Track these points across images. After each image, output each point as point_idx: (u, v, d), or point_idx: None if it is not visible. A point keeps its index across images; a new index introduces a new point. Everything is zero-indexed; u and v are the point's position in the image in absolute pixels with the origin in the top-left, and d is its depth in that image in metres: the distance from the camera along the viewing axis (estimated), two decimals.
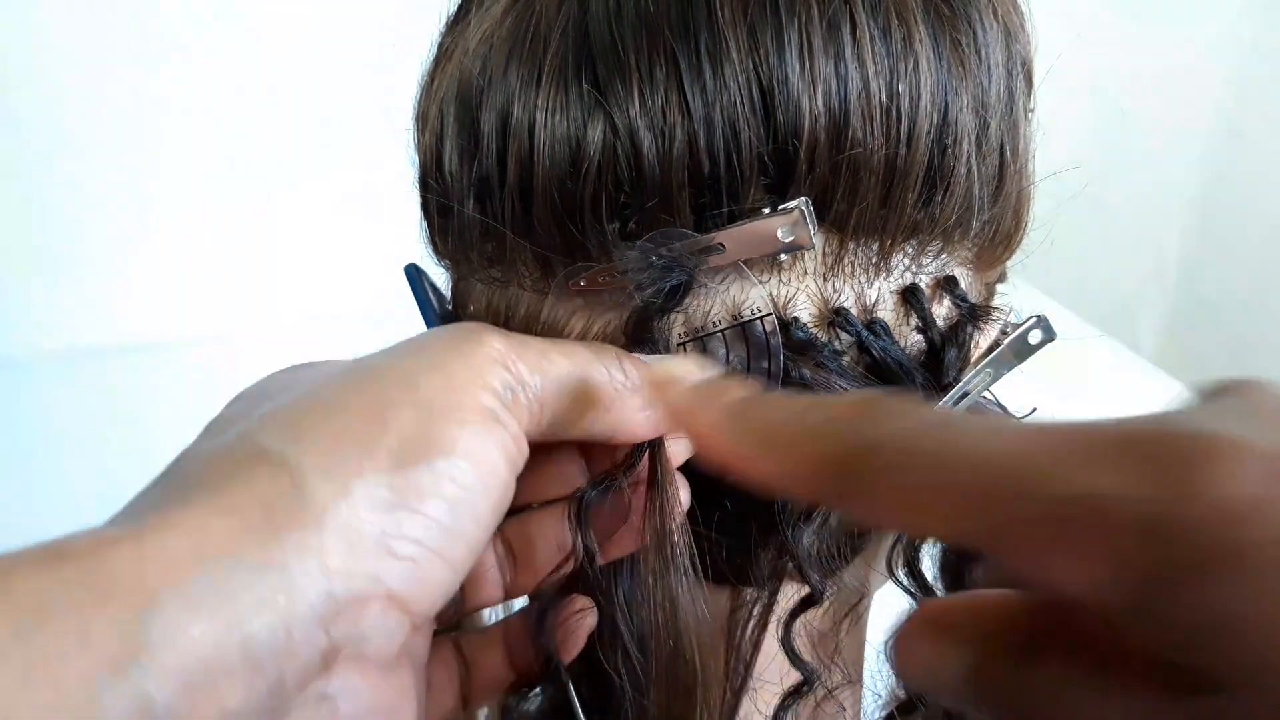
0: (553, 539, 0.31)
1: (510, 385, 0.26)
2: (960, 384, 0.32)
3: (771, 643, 0.34)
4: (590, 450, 0.31)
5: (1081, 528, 0.18)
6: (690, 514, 0.32)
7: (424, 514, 0.23)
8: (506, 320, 0.32)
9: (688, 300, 0.30)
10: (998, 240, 0.33)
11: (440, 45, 0.34)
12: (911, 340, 0.32)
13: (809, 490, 0.22)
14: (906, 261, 0.31)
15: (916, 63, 0.29)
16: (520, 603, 0.34)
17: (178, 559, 0.20)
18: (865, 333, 0.31)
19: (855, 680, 0.36)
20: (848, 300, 0.31)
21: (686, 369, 0.29)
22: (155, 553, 0.20)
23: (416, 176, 0.34)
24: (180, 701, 0.20)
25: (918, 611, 0.22)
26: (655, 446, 0.30)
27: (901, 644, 0.22)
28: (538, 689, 0.33)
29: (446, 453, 0.24)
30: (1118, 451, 0.18)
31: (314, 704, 0.23)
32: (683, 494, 0.31)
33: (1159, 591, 0.17)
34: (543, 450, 0.29)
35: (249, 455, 0.23)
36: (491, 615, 0.42)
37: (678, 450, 0.31)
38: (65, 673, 0.19)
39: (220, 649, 0.20)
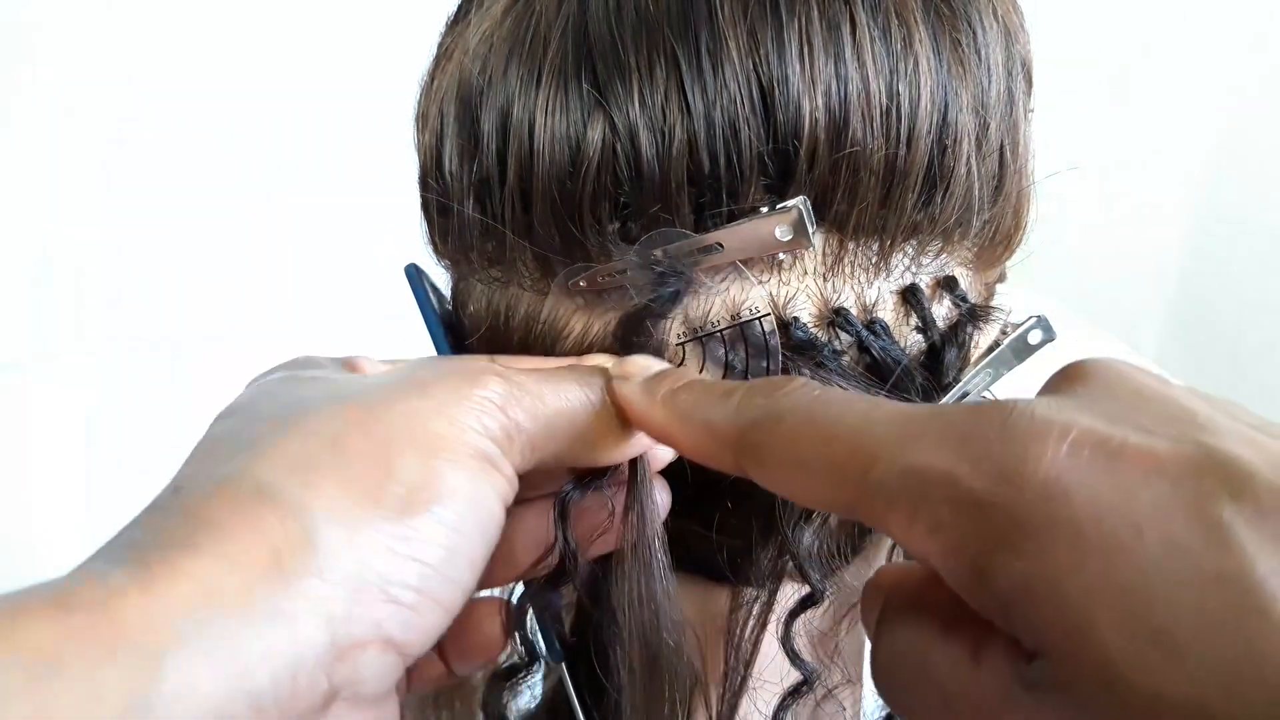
0: (533, 534, 0.32)
1: (508, 430, 0.26)
2: (960, 384, 0.32)
3: (771, 643, 0.34)
4: None
5: (916, 500, 0.20)
6: (691, 514, 0.32)
7: (424, 562, 0.24)
8: (506, 320, 0.32)
9: (686, 301, 0.30)
10: (998, 240, 0.33)
11: (440, 45, 0.34)
12: (911, 340, 0.32)
13: (720, 462, 0.26)
14: (906, 261, 0.31)
15: (916, 63, 0.29)
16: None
17: (188, 610, 0.21)
18: (865, 333, 0.31)
19: (855, 680, 0.36)
20: (847, 300, 0.31)
21: (640, 365, 0.29)
22: (165, 604, 0.20)
23: (416, 176, 0.34)
24: None
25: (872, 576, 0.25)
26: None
27: (861, 605, 0.25)
28: (536, 682, 0.33)
29: (447, 500, 0.24)
30: (955, 431, 0.20)
31: None
32: (662, 496, 0.31)
33: (981, 560, 0.19)
34: None
35: (256, 496, 0.23)
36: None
37: (660, 455, 0.31)
38: None
39: (229, 700, 0.20)
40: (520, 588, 0.33)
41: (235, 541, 0.22)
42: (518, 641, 0.32)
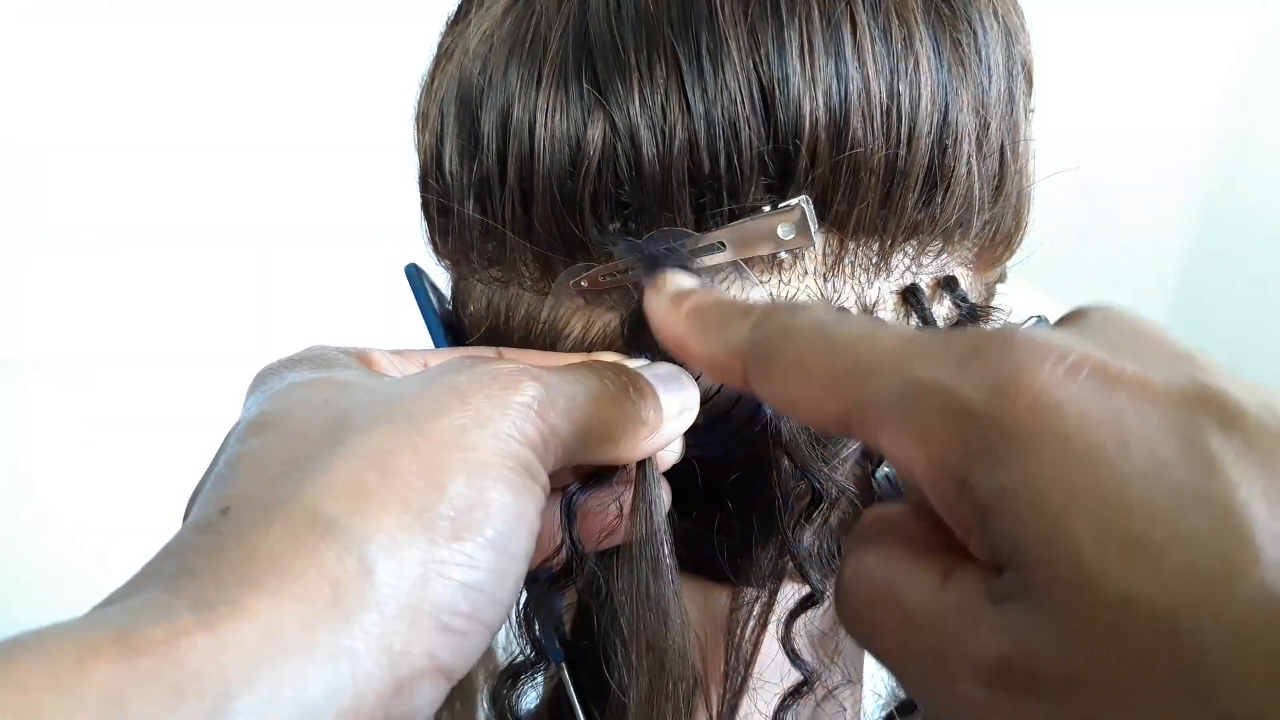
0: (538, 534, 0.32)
1: (544, 436, 0.26)
2: None
3: (771, 643, 0.34)
4: None
5: (909, 410, 0.21)
6: (692, 514, 0.32)
7: (473, 586, 0.24)
8: (506, 320, 0.32)
9: None
10: (998, 240, 0.33)
11: (440, 45, 0.34)
12: None
13: (729, 374, 0.26)
14: (907, 261, 0.31)
15: (917, 63, 0.29)
16: None
17: (253, 652, 0.20)
18: None
19: (855, 680, 0.36)
20: (848, 300, 0.31)
21: (673, 282, 0.29)
22: (231, 645, 0.20)
23: (417, 176, 0.34)
24: None
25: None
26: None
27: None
28: (539, 681, 0.33)
29: (494, 520, 0.24)
30: (956, 348, 0.21)
31: None
32: (663, 494, 0.31)
33: (965, 468, 0.20)
34: None
35: (312, 527, 0.23)
36: None
37: (665, 458, 0.31)
38: None
39: None
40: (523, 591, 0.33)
41: (295, 579, 0.22)
42: (526, 640, 0.32)
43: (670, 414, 0.29)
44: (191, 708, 0.19)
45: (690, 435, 0.31)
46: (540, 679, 0.35)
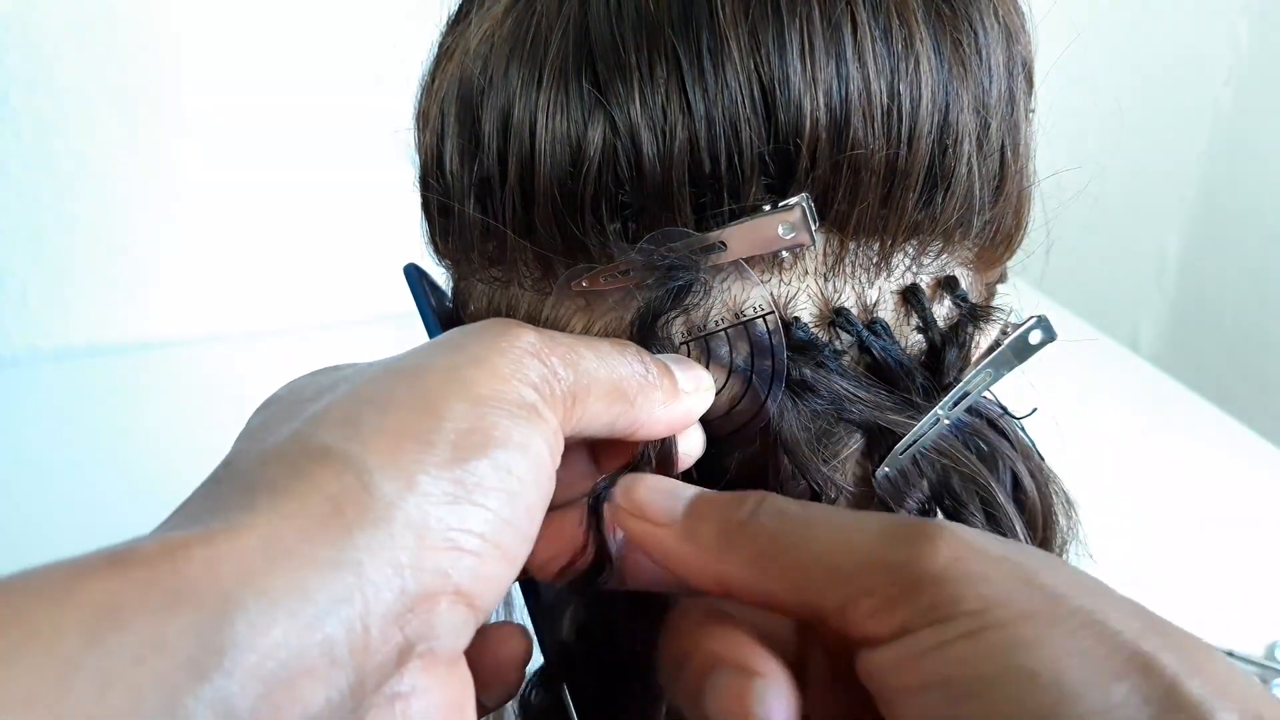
0: (559, 533, 0.32)
1: (547, 378, 0.26)
2: (960, 384, 0.32)
3: None
4: (598, 449, 0.31)
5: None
6: None
7: (485, 507, 0.23)
8: None
9: (690, 299, 0.30)
10: (998, 240, 0.33)
11: (441, 45, 0.34)
12: (912, 340, 0.32)
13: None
14: (907, 261, 0.31)
15: (917, 63, 0.29)
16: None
17: (252, 560, 0.20)
18: (866, 333, 0.31)
19: None
20: (848, 300, 0.31)
21: (659, 491, 0.29)
22: (228, 555, 0.20)
23: (417, 176, 0.34)
24: (263, 705, 0.19)
25: None
26: (666, 445, 0.30)
27: None
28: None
29: (502, 445, 0.24)
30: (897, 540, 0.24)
31: (388, 703, 0.22)
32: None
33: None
34: None
35: (309, 454, 0.23)
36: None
37: (687, 451, 0.31)
38: (143, 679, 0.18)
39: (301, 649, 0.20)
40: (521, 597, 0.33)
41: (294, 497, 0.21)
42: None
43: (686, 388, 0.29)
44: (189, 614, 0.19)
45: None
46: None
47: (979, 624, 0.22)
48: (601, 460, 0.31)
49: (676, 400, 0.29)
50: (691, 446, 0.31)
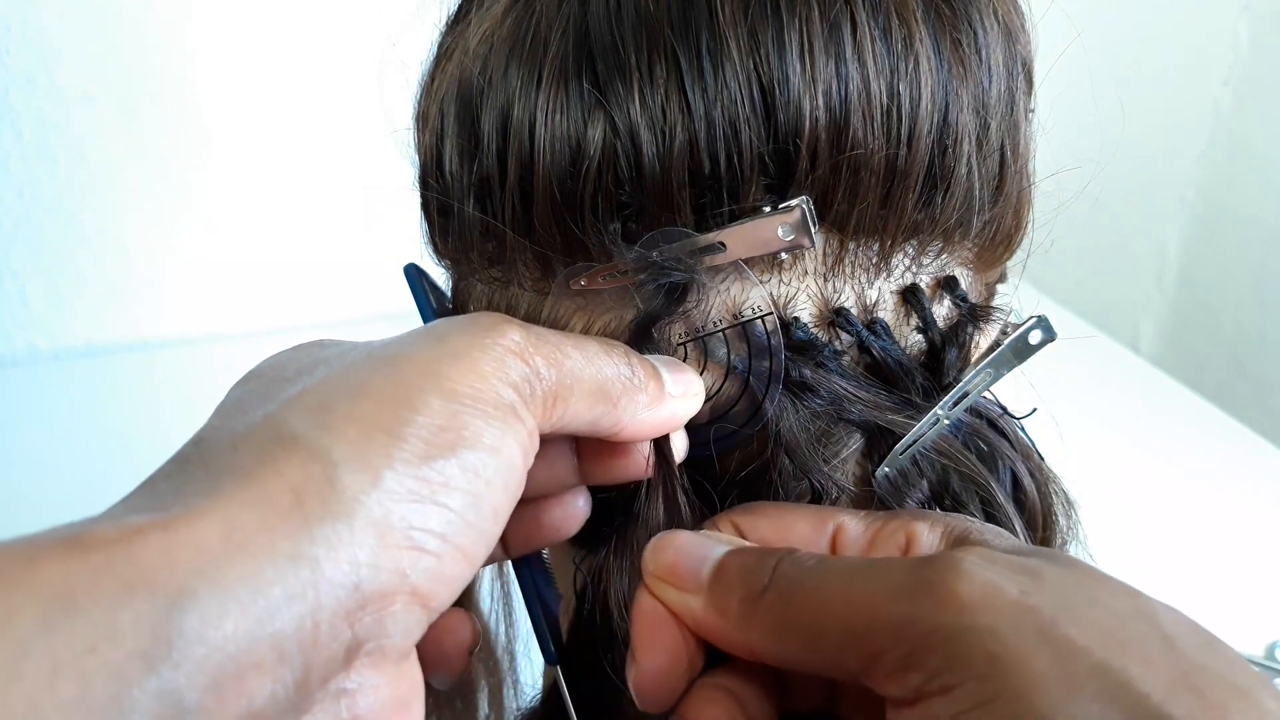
0: (543, 525, 0.32)
1: (528, 378, 0.26)
2: (960, 384, 0.32)
3: None
4: (583, 446, 0.31)
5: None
6: (695, 513, 0.32)
7: (449, 508, 0.23)
8: None
9: (689, 299, 0.30)
10: (998, 240, 0.33)
11: (440, 45, 0.34)
12: (912, 340, 0.32)
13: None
14: (907, 261, 0.31)
15: (917, 63, 0.29)
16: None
17: (209, 550, 0.20)
18: (865, 333, 0.31)
19: None
20: (848, 300, 0.31)
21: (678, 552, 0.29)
22: (186, 543, 0.20)
23: (416, 176, 0.34)
24: (209, 697, 0.19)
25: None
26: (659, 444, 0.30)
27: None
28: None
29: (472, 446, 0.24)
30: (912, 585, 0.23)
31: (333, 699, 0.22)
32: (681, 498, 0.31)
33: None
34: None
35: (278, 441, 0.22)
36: (487, 597, 0.43)
37: (678, 448, 0.31)
38: (94, 669, 0.18)
39: (250, 643, 0.20)
40: (520, 596, 0.33)
41: (257, 485, 0.21)
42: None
43: (673, 392, 0.29)
44: (143, 604, 0.19)
45: (691, 435, 0.31)
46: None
47: (990, 692, 0.21)
48: (585, 455, 0.31)
49: (662, 404, 0.29)
50: (677, 448, 0.31)
